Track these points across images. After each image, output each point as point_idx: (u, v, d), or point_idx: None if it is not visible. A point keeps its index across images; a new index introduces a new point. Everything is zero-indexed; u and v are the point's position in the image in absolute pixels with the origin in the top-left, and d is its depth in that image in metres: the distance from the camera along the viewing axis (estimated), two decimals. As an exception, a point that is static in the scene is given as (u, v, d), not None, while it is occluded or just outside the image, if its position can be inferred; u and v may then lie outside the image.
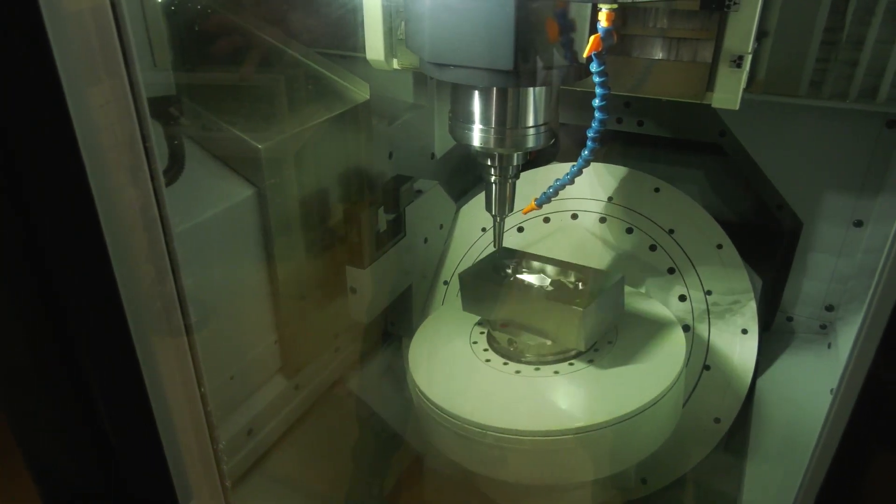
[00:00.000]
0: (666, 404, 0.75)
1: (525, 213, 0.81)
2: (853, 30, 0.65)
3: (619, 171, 0.95)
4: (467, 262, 1.02)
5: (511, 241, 1.00)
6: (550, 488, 0.83)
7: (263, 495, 0.84)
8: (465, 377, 0.80)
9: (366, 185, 0.95)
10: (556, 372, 0.78)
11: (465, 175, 1.14)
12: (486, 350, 0.82)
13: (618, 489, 0.89)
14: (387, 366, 1.04)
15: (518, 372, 0.78)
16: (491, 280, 0.82)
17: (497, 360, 0.81)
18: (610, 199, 0.96)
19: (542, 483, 0.80)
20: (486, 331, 0.85)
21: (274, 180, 0.82)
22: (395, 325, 1.06)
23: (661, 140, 1.01)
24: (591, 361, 0.78)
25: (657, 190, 0.93)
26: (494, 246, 0.82)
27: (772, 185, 0.85)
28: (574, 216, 0.98)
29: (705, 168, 1.01)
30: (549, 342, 0.78)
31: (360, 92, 0.94)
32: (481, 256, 1.02)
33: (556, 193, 0.73)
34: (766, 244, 0.92)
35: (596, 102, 0.63)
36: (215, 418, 0.63)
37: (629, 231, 0.94)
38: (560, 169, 0.96)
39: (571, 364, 0.78)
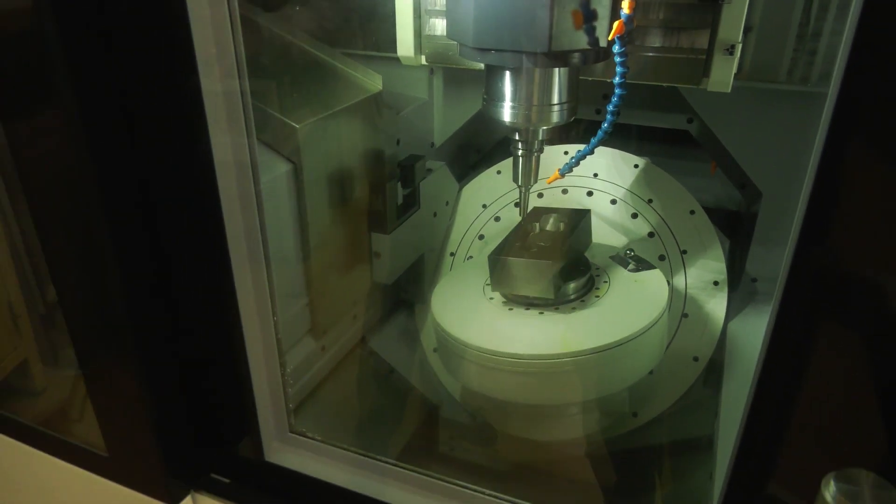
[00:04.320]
0: (655, 332, 0.86)
1: (549, 183, 0.88)
2: (815, 24, 0.75)
3: (603, 151, 1.04)
4: (471, 236, 1.09)
5: (509, 216, 1.07)
6: (558, 413, 0.90)
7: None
8: (480, 315, 0.88)
9: (386, 162, 1.00)
10: (560, 310, 0.87)
11: (462, 161, 1.21)
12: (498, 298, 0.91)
13: (614, 418, 0.98)
14: (402, 329, 1.09)
15: (526, 310, 0.87)
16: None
17: (507, 302, 0.89)
18: (595, 175, 1.04)
19: (551, 402, 0.88)
20: None
21: (309, 156, 0.87)
22: (408, 292, 1.11)
23: (636, 128, 1.09)
24: (590, 302, 0.88)
25: (636, 166, 1.02)
26: (520, 214, 0.89)
27: (736, 165, 0.94)
28: (564, 192, 1.06)
29: (676, 153, 1.10)
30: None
31: (375, 84, 0.99)
32: (483, 230, 1.08)
33: (577, 163, 0.80)
34: (732, 218, 1.03)
35: (616, 80, 0.70)
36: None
37: (613, 202, 1.03)
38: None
39: (575, 305, 0.88)
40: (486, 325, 0.86)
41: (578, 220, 0.92)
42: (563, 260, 0.85)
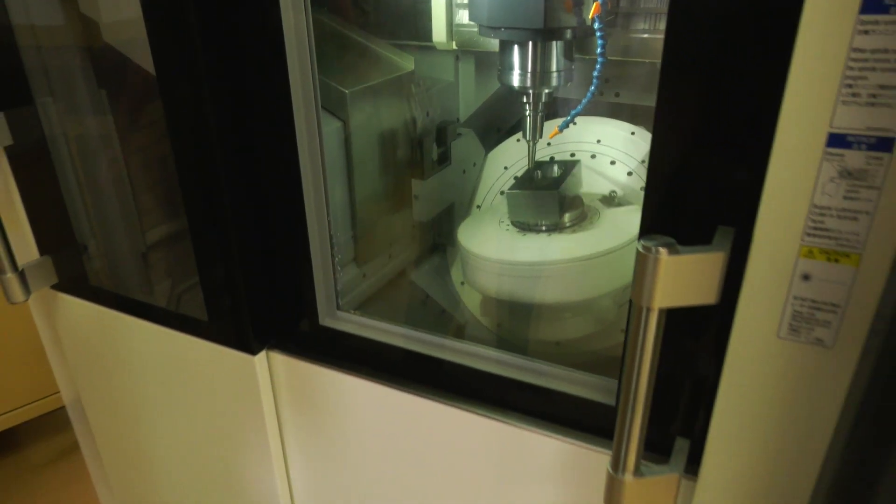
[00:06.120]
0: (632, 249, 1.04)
1: (551, 138, 1.09)
2: None
3: (604, 121, 1.23)
4: (494, 191, 1.30)
5: (526, 174, 1.28)
6: (559, 316, 1.10)
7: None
8: (496, 238, 1.10)
9: (419, 127, 1.22)
10: (556, 233, 1.08)
11: (486, 134, 1.42)
12: (511, 228, 1.12)
13: (604, 325, 1.16)
14: (436, 266, 1.31)
15: (536, 233, 1.08)
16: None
17: (519, 229, 1.11)
18: (598, 141, 1.24)
19: (552, 301, 1.08)
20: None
21: (355, 116, 1.09)
22: (441, 235, 1.32)
23: (633, 107, 1.27)
24: (585, 227, 1.08)
25: (633, 133, 1.21)
26: (529, 163, 1.09)
27: None
28: (572, 154, 1.25)
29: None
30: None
31: (408, 64, 1.21)
32: (504, 186, 1.29)
33: (572, 120, 1.00)
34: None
35: (598, 50, 0.90)
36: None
37: (612, 163, 1.22)
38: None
39: (571, 230, 1.09)
40: (500, 244, 1.07)
41: (571, 167, 1.13)
42: (560, 193, 1.06)
